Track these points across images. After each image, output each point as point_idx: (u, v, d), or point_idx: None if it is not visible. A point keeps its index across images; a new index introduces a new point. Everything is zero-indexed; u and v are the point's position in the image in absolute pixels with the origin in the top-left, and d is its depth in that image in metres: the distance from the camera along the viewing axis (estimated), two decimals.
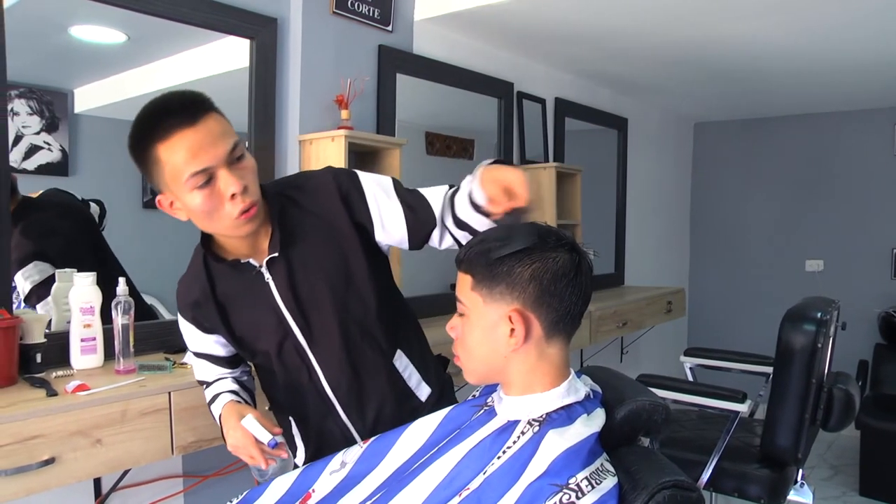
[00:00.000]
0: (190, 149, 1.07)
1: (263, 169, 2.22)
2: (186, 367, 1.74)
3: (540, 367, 1.01)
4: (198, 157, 1.08)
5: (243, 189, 1.11)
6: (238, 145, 1.12)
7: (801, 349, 2.10)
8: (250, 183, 1.14)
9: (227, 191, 1.10)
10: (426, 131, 2.90)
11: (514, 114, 3.27)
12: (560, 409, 1.00)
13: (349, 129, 2.24)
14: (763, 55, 3.22)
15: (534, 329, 0.99)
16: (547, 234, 1.00)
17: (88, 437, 1.43)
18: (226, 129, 1.11)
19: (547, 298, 0.98)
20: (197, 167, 1.08)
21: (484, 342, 1.02)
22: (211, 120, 1.10)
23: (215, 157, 1.09)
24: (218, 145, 1.09)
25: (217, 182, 1.10)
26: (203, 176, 1.09)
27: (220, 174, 1.10)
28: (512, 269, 0.97)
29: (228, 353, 1.40)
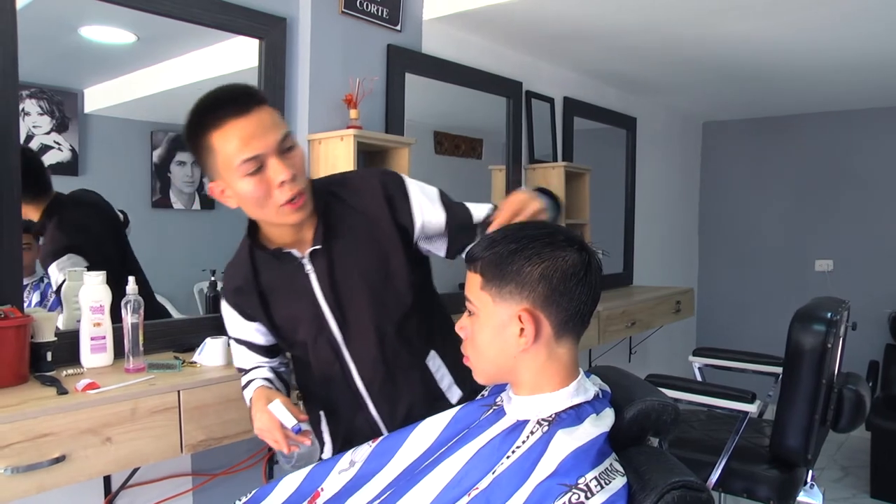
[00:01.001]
0: (242, 137, 1.13)
1: None
2: (195, 366, 1.76)
3: (549, 366, 1.01)
4: (249, 144, 1.13)
5: (292, 177, 1.16)
6: (288, 136, 1.17)
7: (811, 349, 2.09)
8: (299, 173, 1.18)
9: (277, 178, 1.15)
10: (435, 131, 2.89)
11: (522, 113, 3.26)
12: (569, 409, 1.00)
13: (358, 128, 2.24)
14: (773, 53, 3.20)
15: (543, 329, 0.99)
16: (556, 233, 1.01)
17: (98, 436, 1.44)
18: (276, 120, 1.17)
19: (556, 298, 0.97)
20: (248, 154, 1.13)
21: (493, 342, 1.01)
22: (262, 111, 1.15)
23: (266, 145, 1.14)
24: (268, 134, 1.14)
25: (267, 170, 1.15)
26: (254, 163, 1.14)
27: (270, 162, 1.15)
28: (521, 269, 0.97)
29: (267, 343, 1.42)
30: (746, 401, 2.22)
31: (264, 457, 2.20)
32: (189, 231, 2.21)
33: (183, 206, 2.17)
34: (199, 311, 2.15)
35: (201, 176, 2.20)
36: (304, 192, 1.19)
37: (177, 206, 2.15)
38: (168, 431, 1.55)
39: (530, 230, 1.01)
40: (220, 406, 1.65)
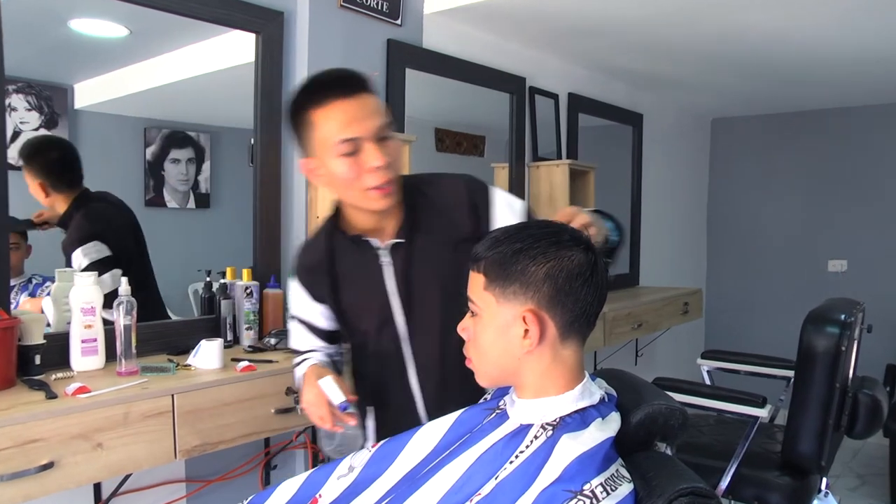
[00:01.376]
0: (344, 118, 1.19)
1: (270, 165, 2.22)
2: (190, 368, 1.75)
3: (554, 369, 1.01)
4: (349, 126, 1.19)
5: (385, 165, 1.21)
6: (387, 126, 1.23)
7: (824, 352, 2.08)
8: (392, 163, 1.23)
9: (370, 163, 1.20)
10: (436, 128, 2.89)
11: (526, 109, 3.26)
12: (574, 413, 0.99)
13: None
14: (787, 46, 3.19)
15: (548, 330, 0.99)
16: (561, 231, 1.01)
17: (89, 441, 1.43)
18: (378, 109, 1.22)
19: (562, 298, 0.97)
20: (347, 135, 1.19)
21: (497, 343, 1.01)
22: (367, 97, 1.21)
23: (365, 129, 1.20)
24: (369, 120, 1.20)
25: (362, 154, 1.20)
26: (351, 145, 1.20)
27: (366, 147, 1.20)
28: (526, 268, 0.97)
29: (329, 327, 1.43)
30: (757, 405, 2.21)
31: (261, 462, 2.20)
32: (183, 230, 2.21)
33: (177, 205, 2.17)
34: (194, 313, 2.15)
35: (196, 174, 2.21)
36: (394, 182, 1.24)
37: (171, 204, 2.15)
38: (161, 436, 1.54)
39: (534, 229, 1.01)
40: (215, 410, 1.64)
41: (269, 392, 1.76)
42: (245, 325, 2.06)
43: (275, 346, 2.01)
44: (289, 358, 1.88)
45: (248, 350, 2.00)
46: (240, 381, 1.70)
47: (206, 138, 2.24)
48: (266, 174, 2.22)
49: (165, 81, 2.06)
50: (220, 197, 2.28)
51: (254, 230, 2.22)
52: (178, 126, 2.18)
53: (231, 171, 2.31)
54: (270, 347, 2.01)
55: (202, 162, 2.24)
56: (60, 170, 1.83)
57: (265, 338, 2.06)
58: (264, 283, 2.17)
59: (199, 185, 2.23)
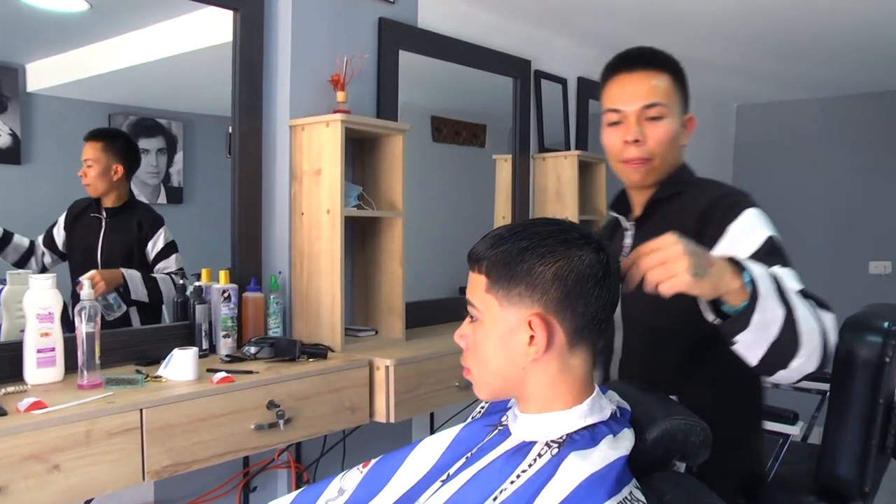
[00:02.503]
0: (616, 89, 1.42)
1: (249, 156, 2.21)
2: (161, 380, 1.74)
3: (561, 380, 1.00)
4: (616, 98, 1.41)
5: (634, 141, 1.38)
6: (657, 107, 1.39)
7: (865, 363, 2.05)
8: (651, 143, 1.39)
9: (625, 135, 1.39)
10: (432, 115, 2.89)
11: (531, 95, 3.25)
12: (583, 430, 0.98)
13: (346, 112, 2.23)
14: (822, 22, 3.14)
15: (556, 336, 0.98)
16: (570, 229, 1.00)
17: (44, 463, 1.41)
18: (657, 89, 1.39)
19: (571, 301, 0.96)
20: (611, 105, 1.42)
21: (499, 351, 1.00)
22: (647, 75, 1.40)
23: (630, 104, 1.39)
24: (637, 97, 1.39)
25: (622, 126, 1.40)
26: (613, 115, 1.42)
27: (628, 121, 1.39)
28: (533, 269, 0.97)
29: None
30: (788, 422, 2.19)
31: (239, 484, 2.19)
32: None
33: (147, 200, 2.17)
34: (166, 319, 2.13)
35: (167, 166, 2.20)
36: (651, 161, 1.40)
37: (139, 199, 2.15)
38: (128, 456, 1.53)
39: (540, 226, 1.00)
40: (188, 426, 1.63)
41: (249, 406, 1.75)
42: (222, 333, 2.06)
43: (255, 356, 2.00)
44: (271, 368, 1.90)
45: (225, 360, 1.99)
46: (216, 393, 1.70)
47: (178, 126, 2.23)
48: (245, 166, 2.21)
49: (132, 63, 2.05)
50: (193, 191, 2.27)
51: (232, 228, 2.21)
52: (146, 113, 2.16)
53: (206, 162, 2.30)
54: (250, 357, 2.00)
55: (174, 153, 2.23)
56: None
57: (244, 346, 2.05)
58: (243, 287, 2.16)
59: (170, 178, 2.22)
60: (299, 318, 2.28)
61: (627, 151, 1.40)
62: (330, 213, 2.18)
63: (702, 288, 1.01)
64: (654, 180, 1.44)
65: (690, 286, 0.99)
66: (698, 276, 0.99)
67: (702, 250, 1.03)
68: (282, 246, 2.32)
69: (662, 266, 1.00)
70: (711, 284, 1.02)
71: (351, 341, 2.27)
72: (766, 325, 1.04)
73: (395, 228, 2.39)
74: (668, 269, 1.00)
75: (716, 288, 1.03)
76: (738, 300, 1.04)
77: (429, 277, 2.72)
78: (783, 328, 1.05)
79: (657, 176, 1.43)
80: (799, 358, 1.08)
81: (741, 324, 1.04)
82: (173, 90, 2.28)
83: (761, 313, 1.04)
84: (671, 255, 1.00)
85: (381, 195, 2.43)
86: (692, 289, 1.00)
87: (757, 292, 1.03)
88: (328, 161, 2.19)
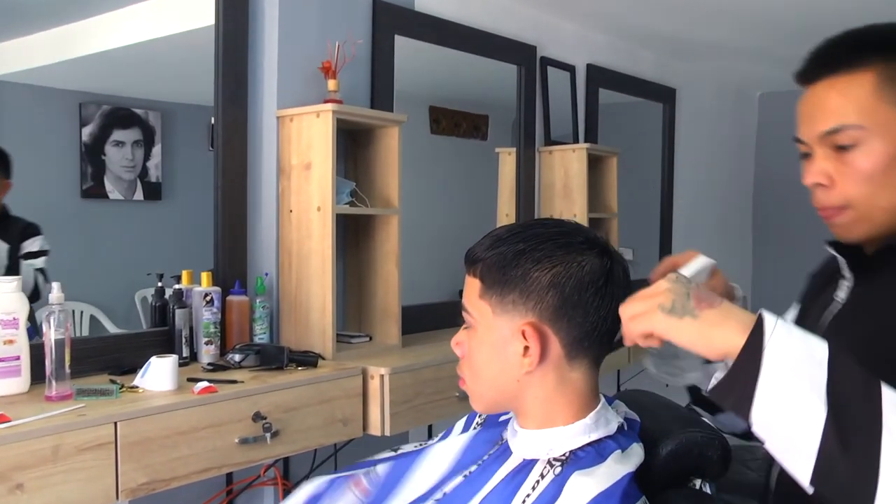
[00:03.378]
0: (801, 109, 1.10)
1: (233, 149, 2.21)
2: (137, 391, 1.74)
3: (560, 394, 0.99)
4: (800, 122, 1.10)
5: (815, 184, 1.06)
6: (845, 131, 1.02)
7: None
8: (845, 185, 1.03)
9: (808, 177, 1.07)
10: (431, 106, 2.89)
11: (537, 84, 3.24)
12: (587, 447, 0.98)
13: (338, 102, 2.23)
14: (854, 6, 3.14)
15: (551, 347, 0.97)
16: (574, 232, 0.99)
17: (6, 482, 1.40)
18: (844, 104, 1.03)
19: (569, 311, 0.96)
20: (796, 133, 1.10)
21: (493, 362, 1.00)
22: (832, 83, 1.04)
23: (809, 132, 1.07)
24: (817, 120, 1.05)
25: (810, 162, 1.08)
26: (802, 147, 1.10)
27: (815, 154, 1.06)
28: (528, 274, 0.96)
29: None
30: None
31: (222, 502, 2.18)
32: (129, 227, 2.21)
33: (121, 196, 2.16)
34: (142, 325, 2.13)
35: (144, 159, 2.21)
36: (847, 211, 1.05)
37: (113, 195, 2.14)
38: (100, 473, 1.52)
39: (541, 228, 1.00)
40: (167, 441, 1.63)
41: (233, 418, 1.75)
42: (204, 339, 2.06)
43: (240, 364, 2.00)
44: (256, 378, 1.89)
45: (207, 368, 1.99)
46: (197, 405, 1.69)
47: (156, 117, 2.23)
48: (229, 160, 2.20)
49: (105, 47, 2.04)
50: (173, 187, 2.27)
51: (215, 226, 2.20)
52: (121, 102, 2.16)
53: (187, 156, 2.30)
54: (235, 365, 2.00)
55: (152, 145, 2.23)
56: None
57: (228, 354, 2.04)
58: (227, 289, 2.16)
59: (147, 173, 2.22)
60: (287, 323, 2.28)
61: (816, 198, 1.08)
62: (321, 211, 2.18)
63: (679, 333, 0.81)
64: (866, 234, 1.06)
65: (660, 325, 0.82)
66: (674, 315, 0.81)
67: (706, 292, 0.84)
68: (269, 246, 2.31)
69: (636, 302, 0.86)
70: (698, 331, 0.81)
71: (343, 348, 2.27)
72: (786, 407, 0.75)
73: (390, 227, 2.39)
74: (639, 305, 0.85)
75: (707, 339, 0.80)
76: None
77: (427, 279, 2.72)
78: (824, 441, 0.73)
79: (870, 228, 1.05)
80: None
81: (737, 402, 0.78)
82: (151, 77, 2.28)
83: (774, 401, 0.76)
84: (652, 289, 0.86)
85: (376, 191, 2.42)
86: (665, 332, 0.82)
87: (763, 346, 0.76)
88: (319, 154, 2.19)
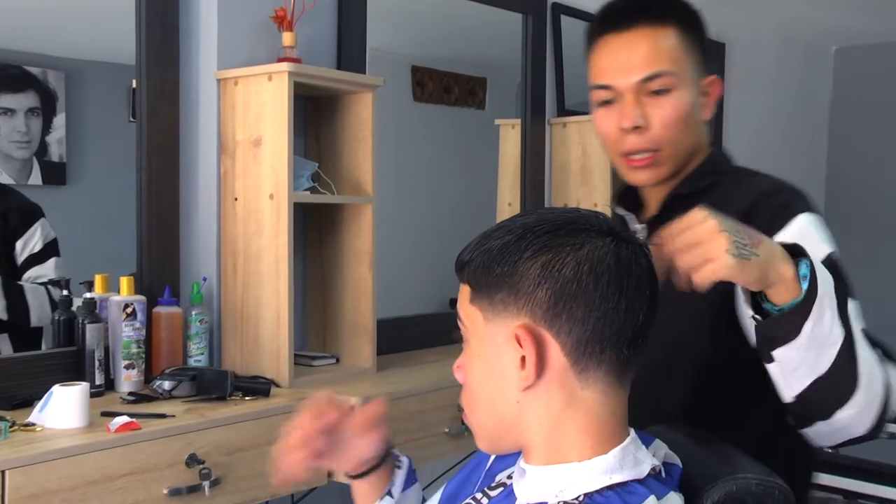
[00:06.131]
0: (603, 57, 1.40)
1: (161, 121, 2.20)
2: (34, 429, 1.73)
3: (570, 419, 0.99)
4: (605, 70, 1.39)
5: (633, 127, 1.36)
6: (662, 77, 1.36)
7: None
8: (658, 127, 1.36)
9: (621, 121, 1.37)
10: (413, 66, 2.89)
11: (547, 39, 3.24)
12: (607, 490, 0.97)
13: (295, 61, 2.24)
14: None
15: (551, 353, 0.97)
16: (574, 217, 1.01)
17: None
18: (657, 52, 1.36)
19: (566, 305, 0.96)
20: (598, 80, 1.40)
21: (488, 379, 1.02)
22: (646, 32, 1.37)
23: (623, 78, 1.37)
24: (633, 66, 1.36)
25: (617, 107, 1.38)
26: (604, 93, 1.39)
27: (623, 100, 1.37)
28: (515, 267, 0.98)
29: None
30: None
31: None
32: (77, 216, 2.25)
33: (11, 179, 2.16)
34: (41, 344, 2.13)
35: (42, 133, 2.20)
36: (659, 153, 1.38)
37: (2, 178, 2.13)
38: None
39: (533, 216, 1.02)
40: (74, 494, 1.62)
41: (161, 463, 1.75)
42: (124, 362, 2.05)
43: (170, 393, 2.00)
44: (192, 410, 1.90)
45: (128, 399, 1.98)
46: (114, 446, 1.69)
47: (57, 78, 2.22)
48: (156, 135, 2.20)
49: None
50: (82, 168, 2.27)
51: (138, 219, 2.20)
52: (10, 57, 2.16)
53: (100, 129, 2.30)
54: (164, 395, 2.00)
55: (52, 114, 2.22)
56: None
57: (155, 381, 2.04)
58: (154, 299, 2.16)
59: (47, 150, 2.21)
60: (232, 341, 2.28)
61: (626, 142, 1.38)
62: (274, 199, 2.18)
63: (747, 274, 1.02)
64: (667, 175, 1.41)
65: (733, 271, 1.00)
66: (743, 258, 1.00)
67: (742, 226, 1.04)
68: (207, 243, 2.31)
69: (695, 248, 1.02)
70: (760, 269, 1.02)
71: (303, 372, 2.27)
72: (820, 343, 1.05)
73: (362, 219, 2.39)
74: (703, 251, 1.01)
75: (765, 274, 1.03)
76: (788, 297, 1.04)
77: (408, 286, 2.72)
78: (839, 356, 1.06)
79: (671, 168, 1.41)
80: (851, 407, 1.08)
81: (789, 329, 1.05)
82: (50, 27, 2.27)
83: (817, 323, 1.04)
84: (704, 233, 1.02)
85: (344, 174, 2.42)
86: (735, 275, 1.01)
87: (816, 290, 1.03)
88: (271, 127, 2.19)
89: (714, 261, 1.00)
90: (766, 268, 1.02)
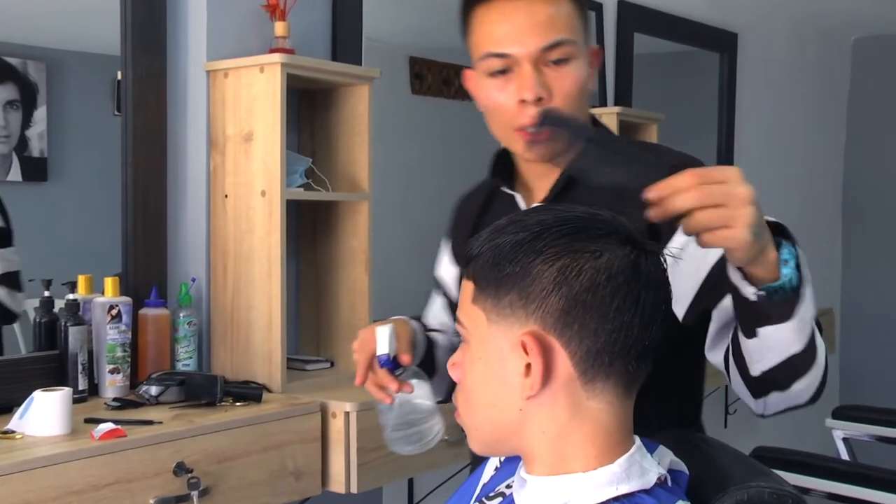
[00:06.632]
0: (497, 24, 1.36)
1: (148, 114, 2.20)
2: (14, 436, 1.73)
3: (575, 428, 0.99)
4: (500, 36, 1.35)
5: (536, 99, 1.33)
6: (563, 46, 1.34)
7: None
8: (560, 98, 1.35)
9: (521, 92, 1.34)
10: (411, 57, 2.90)
11: None
12: (613, 501, 0.97)
13: (288, 52, 2.24)
14: None
15: (558, 364, 0.97)
16: (591, 218, 1.00)
17: None
18: (555, 19, 1.35)
19: (579, 315, 0.95)
20: (493, 48, 1.35)
21: (488, 385, 1.02)
22: (544, 2, 1.35)
23: (522, 45, 1.34)
24: (533, 33, 1.33)
25: (515, 77, 1.35)
26: (499, 62, 1.35)
27: (522, 70, 1.34)
28: (528, 268, 0.97)
29: None
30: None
31: None
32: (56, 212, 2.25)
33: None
34: (21, 348, 2.14)
35: (22, 127, 2.20)
36: None
37: None
38: None
39: (548, 213, 1.01)
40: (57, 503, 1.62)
41: (148, 471, 1.75)
42: (109, 367, 2.05)
43: (157, 399, 2.00)
44: (180, 417, 1.90)
45: (113, 405, 1.99)
46: (99, 454, 1.69)
47: (38, 69, 2.23)
48: (142, 129, 2.20)
49: None
50: (64, 164, 2.28)
51: (123, 216, 2.20)
52: None
53: (83, 122, 2.31)
54: (150, 401, 2.00)
55: (33, 107, 2.23)
56: None
57: (142, 386, 2.04)
58: (140, 300, 2.16)
59: (27, 145, 2.22)
60: (221, 344, 2.28)
61: (525, 114, 1.35)
62: (266, 196, 2.18)
63: (748, 252, 1.02)
64: (562, 150, 1.39)
65: (745, 246, 1.00)
66: (759, 240, 1.01)
67: None
68: (196, 242, 2.32)
69: (720, 209, 0.99)
70: (761, 250, 1.03)
71: (296, 377, 2.28)
72: (806, 324, 1.08)
73: (358, 217, 2.40)
74: (727, 215, 0.99)
75: (764, 254, 1.04)
76: (765, 277, 1.05)
77: (407, 287, 2.69)
78: (812, 333, 1.10)
79: (567, 142, 1.37)
80: (805, 379, 1.14)
81: (784, 310, 1.06)
82: (30, 16, 2.28)
83: (807, 305, 1.07)
84: (734, 197, 1.00)
85: (339, 170, 2.43)
86: (740, 251, 1.02)
87: (802, 275, 1.05)
88: (263, 121, 2.19)
89: (732, 230, 0.99)
90: (765, 248, 1.04)
